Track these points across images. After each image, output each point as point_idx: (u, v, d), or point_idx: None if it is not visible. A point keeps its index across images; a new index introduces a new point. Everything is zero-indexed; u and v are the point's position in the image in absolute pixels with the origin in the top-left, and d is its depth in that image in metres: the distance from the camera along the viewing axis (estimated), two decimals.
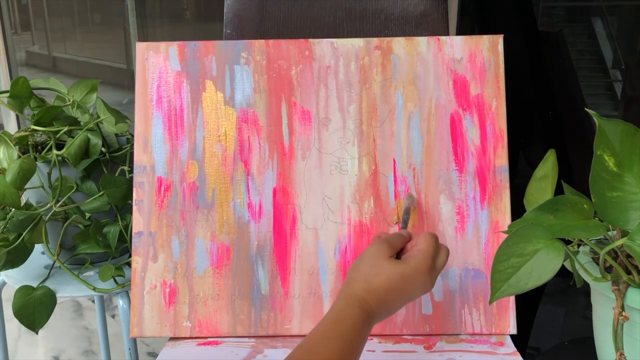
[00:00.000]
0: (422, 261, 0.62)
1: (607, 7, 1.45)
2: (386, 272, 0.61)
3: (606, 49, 1.43)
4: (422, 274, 0.62)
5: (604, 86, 1.47)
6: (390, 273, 0.61)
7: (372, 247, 0.64)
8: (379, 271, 0.61)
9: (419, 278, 0.62)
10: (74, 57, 5.61)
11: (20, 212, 0.88)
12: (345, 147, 0.82)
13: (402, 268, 0.62)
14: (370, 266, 0.62)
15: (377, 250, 0.63)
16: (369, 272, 0.61)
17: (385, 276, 0.61)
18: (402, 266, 0.62)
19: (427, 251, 0.63)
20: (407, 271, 0.61)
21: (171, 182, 0.82)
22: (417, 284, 0.62)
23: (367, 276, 0.61)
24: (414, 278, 0.62)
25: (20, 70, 2.33)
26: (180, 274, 0.81)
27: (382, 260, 0.62)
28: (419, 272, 0.62)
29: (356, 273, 0.62)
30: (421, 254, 0.63)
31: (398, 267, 0.61)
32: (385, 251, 0.63)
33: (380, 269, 0.61)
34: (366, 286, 0.61)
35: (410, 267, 0.62)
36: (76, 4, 5.63)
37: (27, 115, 0.92)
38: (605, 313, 0.67)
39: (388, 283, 0.61)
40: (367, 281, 0.61)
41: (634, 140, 0.63)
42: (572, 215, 0.65)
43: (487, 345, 0.78)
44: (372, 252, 0.63)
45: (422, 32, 0.97)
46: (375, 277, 0.61)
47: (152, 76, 0.83)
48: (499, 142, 0.81)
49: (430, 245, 0.64)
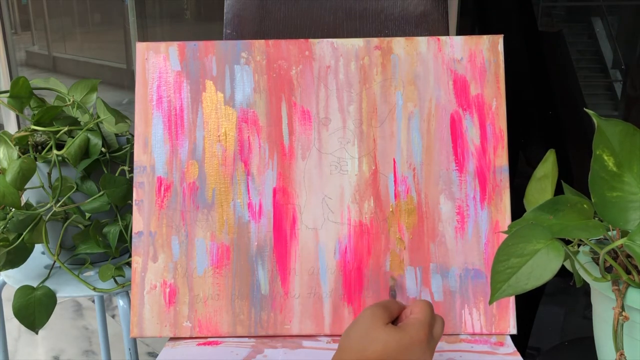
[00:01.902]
0: (419, 329, 0.57)
1: (607, 7, 1.45)
2: (382, 339, 0.56)
3: (606, 49, 1.43)
4: (420, 343, 0.57)
5: (604, 86, 1.47)
6: (387, 342, 0.56)
7: (367, 311, 0.59)
8: (374, 338, 0.56)
9: (416, 348, 0.57)
10: (74, 57, 5.61)
11: (20, 212, 0.88)
12: (345, 147, 0.82)
13: (399, 335, 0.56)
14: (366, 332, 0.57)
15: (374, 315, 0.58)
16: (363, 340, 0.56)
17: (381, 345, 0.56)
18: (400, 334, 0.57)
19: (424, 320, 0.59)
20: (405, 339, 0.56)
21: (171, 182, 0.82)
22: (414, 355, 0.57)
23: (361, 344, 0.56)
24: (411, 347, 0.56)
25: (20, 70, 2.32)
26: (180, 274, 0.81)
27: (378, 326, 0.57)
28: (418, 341, 0.57)
29: (349, 341, 0.57)
30: (419, 322, 0.58)
31: (395, 336, 0.56)
32: (381, 317, 0.58)
33: (375, 336, 0.56)
34: (359, 355, 0.55)
35: (409, 336, 0.57)
36: (76, 4, 5.63)
37: (27, 115, 0.92)
38: (605, 313, 0.67)
39: (384, 351, 0.55)
40: (361, 350, 0.56)
41: (633, 140, 0.63)
42: (572, 215, 0.65)
43: (487, 345, 0.78)
44: (368, 318, 0.58)
45: (422, 32, 0.97)
46: (370, 345, 0.56)
47: (152, 76, 0.83)
48: (499, 142, 0.81)
49: (427, 314, 0.60)
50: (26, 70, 5.56)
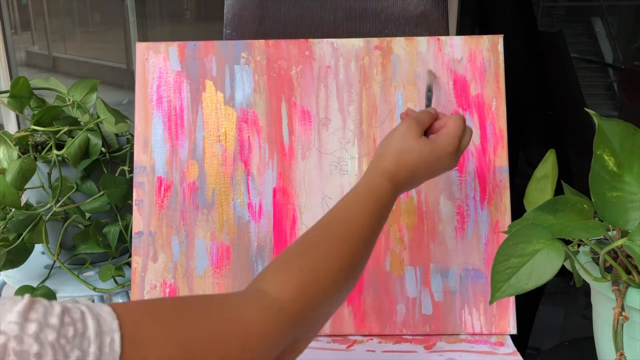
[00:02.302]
0: (450, 142, 0.65)
1: (607, 7, 1.45)
2: (416, 150, 0.64)
3: (606, 49, 1.43)
4: (449, 155, 0.65)
5: (604, 86, 1.47)
6: (421, 151, 0.64)
7: (402, 125, 0.66)
8: (409, 148, 0.64)
9: (445, 157, 0.65)
10: (74, 57, 5.61)
11: (20, 212, 0.88)
12: (345, 147, 0.82)
13: (431, 147, 0.64)
14: (401, 143, 0.64)
15: (408, 127, 0.65)
16: (399, 148, 0.64)
17: (415, 154, 0.64)
18: (432, 145, 0.64)
19: (456, 134, 0.65)
20: (435, 150, 0.64)
21: (171, 182, 0.82)
22: (443, 162, 0.65)
23: (397, 152, 0.64)
24: (441, 157, 0.65)
25: (20, 70, 2.32)
26: (180, 274, 0.81)
27: (412, 138, 0.64)
28: (447, 152, 0.65)
29: (387, 149, 0.65)
30: (450, 136, 0.65)
31: (427, 146, 0.64)
32: (415, 129, 0.65)
33: (410, 146, 0.64)
34: (396, 161, 0.63)
35: (440, 147, 0.65)
36: (76, 4, 5.63)
37: (27, 115, 0.92)
38: (605, 313, 0.67)
39: (417, 160, 0.64)
40: (398, 156, 0.64)
41: (633, 140, 0.63)
42: (572, 215, 0.65)
43: (487, 345, 0.78)
44: (403, 130, 0.65)
45: (422, 32, 0.97)
46: (405, 154, 0.64)
47: (152, 76, 0.83)
48: (499, 142, 0.81)
49: (459, 128, 0.66)
50: (26, 70, 5.55)
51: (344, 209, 0.60)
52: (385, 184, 0.62)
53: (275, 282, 0.51)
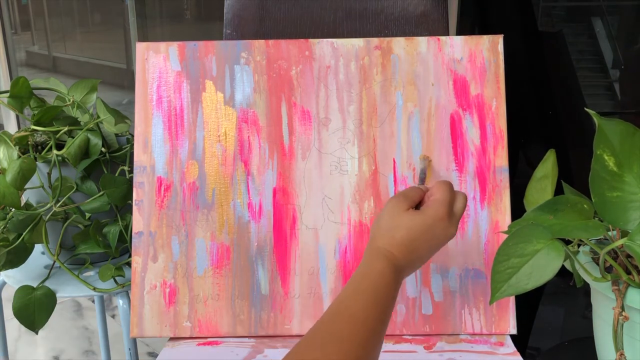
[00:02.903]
0: (438, 208, 0.63)
1: (607, 7, 1.44)
2: (406, 223, 0.62)
3: (606, 49, 1.43)
4: (441, 221, 0.63)
5: (604, 86, 1.47)
6: (410, 224, 0.62)
7: (390, 203, 0.65)
8: (399, 224, 0.62)
9: (439, 225, 0.63)
10: (74, 57, 5.61)
11: (20, 212, 0.88)
12: (345, 147, 0.82)
13: (420, 218, 0.63)
14: (390, 220, 0.63)
15: (395, 204, 0.64)
16: (389, 226, 0.63)
17: (405, 228, 0.62)
18: (421, 216, 0.63)
19: (443, 198, 0.64)
20: (426, 220, 0.63)
21: (171, 182, 0.82)
22: (439, 231, 0.63)
23: (388, 230, 0.63)
24: (434, 225, 0.63)
25: (20, 70, 2.32)
26: (180, 274, 0.81)
27: (400, 212, 0.63)
28: (438, 219, 0.63)
29: (377, 229, 0.64)
30: (437, 202, 0.64)
31: (417, 217, 0.63)
32: (402, 204, 0.64)
33: (400, 221, 0.63)
34: (389, 240, 0.62)
35: (428, 216, 0.63)
36: (76, 4, 5.63)
37: (27, 115, 0.92)
38: (605, 313, 0.67)
39: (410, 234, 0.62)
40: (389, 235, 0.62)
41: (633, 140, 0.63)
42: (572, 215, 0.65)
43: (487, 345, 0.78)
44: (390, 207, 0.64)
45: (422, 32, 0.97)
46: (396, 230, 0.62)
47: (152, 76, 0.83)
48: (499, 142, 0.81)
49: (445, 191, 0.65)
50: (26, 70, 5.55)
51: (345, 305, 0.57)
52: (381, 265, 0.60)
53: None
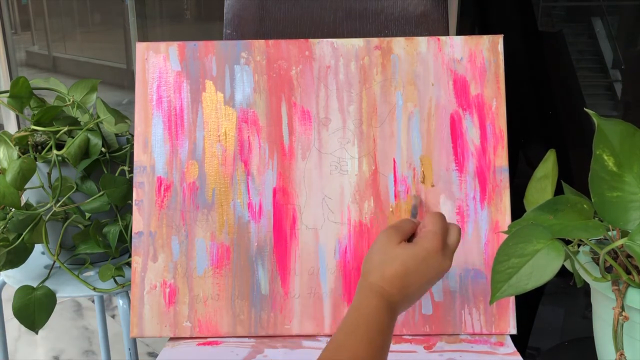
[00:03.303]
0: (432, 240, 0.61)
1: (607, 7, 1.44)
2: (398, 257, 0.61)
3: (606, 49, 1.43)
4: (435, 253, 0.61)
5: (604, 86, 1.47)
6: (403, 257, 0.60)
7: (382, 236, 0.63)
8: (391, 257, 0.61)
9: (432, 258, 0.61)
10: (74, 57, 5.61)
11: (20, 212, 0.88)
12: (345, 147, 0.82)
13: (413, 250, 0.61)
14: (382, 254, 0.61)
15: (387, 237, 0.63)
16: (381, 260, 0.61)
17: (398, 262, 0.60)
18: (413, 249, 0.61)
19: (435, 230, 0.62)
20: (419, 252, 0.61)
21: (171, 182, 0.82)
22: (432, 264, 0.61)
23: (380, 265, 0.61)
24: (427, 258, 0.61)
25: (20, 70, 2.32)
26: (180, 274, 0.81)
27: (392, 246, 0.62)
28: (431, 251, 0.61)
29: (369, 264, 0.62)
30: (430, 233, 0.62)
31: (410, 251, 0.61)
32: (394, 237, 0.62)
33: (392, 255, 0.61)
34: (381, 274, 0.60)
35: (422, 248, 0.61)
36: (76, 4, 5.63)
37: (27, 115, 0.92)
38: (605, 313, 0.67)
39: (403, 268, 0.60)
40: (381, 269, 0.60)
41: (633, 140, 0.63)
42: (572, 215, 0.65)
43: (487, 345, 0.78)
44: (382, 240, 0.63)
45: (422, 32, 0.97)
46: (389, 264, 0.60)
47: (152, 76, 0.83)
48: (499, 142, 0.81)
49: (437, 223, 0.63)
50: (26, 70, 5.55)
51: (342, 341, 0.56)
52: (374, 302, 0.58)
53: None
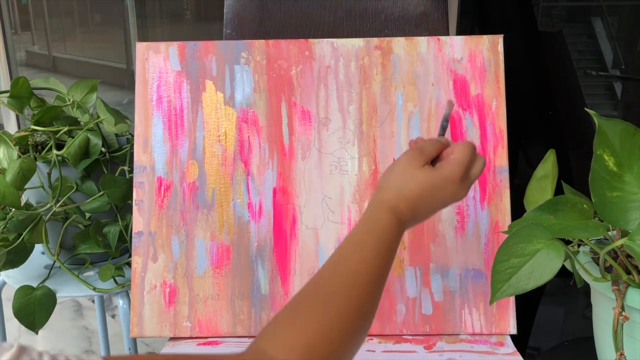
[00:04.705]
0: (455, 170, 0.61)
1: (607, 7, 1.45)
2: (418, 180, 0.60)
3: (606, 49, 1.43)
4: (453, 183, 0.61)
5: (604, 86, 1.47)
6: (422, 181, 0.60)
7: (405, 155, 0.63)
8: (410, 179, 0.60)
9: (450, 186, 0.61)
10: (74, 57, 5.61)
11: (20, 212, 0.88)
12: (345, 147, 0.82)
13: (434, 176, 0.61)
14: (402, 174, 0.61)
15: (411, 158, 0.62)
16: (400, 179, 0.61)
17: (416, 184, 0.60)
18: (434, 174, 0.61)
19: (462, 160, 0.61)
20: (439, 179, 0.60)
21: (171, 182, 0.82)
22: (449, 192, 0.61)
23: (398, 184, 0.61)
24: (445, 186, 0.61)
25: (20, 70, 2.32)
26: (180, 274, 0.81)
27: (414, 168, 0.61)
28: (451, 180, 0.61)
29: (387, 181, 0.62)
30: (455, 162, 0.61)
31: (430, 175, 0.61)
32: (418, 159, 0.62)
33: (412, 176, 0.61)
34: (397, 193, 0.60)
35: (443, 176, 0.61)
36: (76, 4, 5.63)
37: (27, 115, 0.92)
38: (605, 313, 0.67)
39: (419, 190, 0.60)
40: (399, 188, 0.60)
41: (633, 140, 0.63)
42: (572, 215, 0.65)
43: (487, 345, 0.78)
44: (405, 160, 0.62)
45: (422, 32, 0.97)
46: (407, 185, 0.60)
47: (152, 76, 0.83)
48: (499, 142, 0.81)
49: (466, 154, 0.62)
50: (26, 70, 5.55)
51: (346, 255, 0.56)
52: (385, 218, 0.59)
53: (277, 343, 0.48)
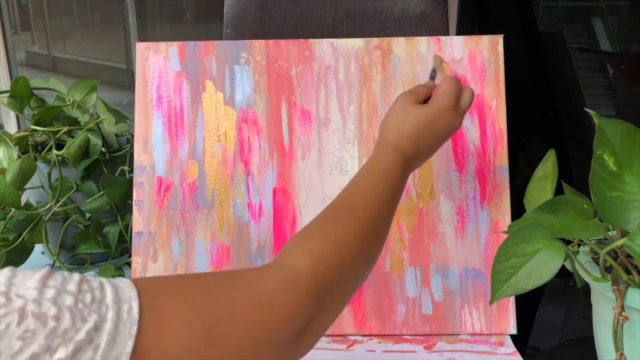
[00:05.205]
0: (445, 100, 0.66)
1: (607, 7, 1.45)
2: (414, 116, 0.65)
3: (606, 49, 1.43)
4: (447, 112, 0.65)
5: (604, 86, 1.47)
6: (418, 116, 0.65)
7: (398, 99, 0.67)
8: (407, 117, 0.65)
9: (445, 116, 0.65)
10: (74, 57, 5.61)
11: (20, 212, 0.88)
12: (345, 147, 0.82)
13: (427, 110, 0.65)
14: (399, 114, 0.66)
15: (404, 99, 0.67)
16: (398, 119, 0.65)
17: (413, 120, 0.64)
18: (427, 108, 0.65)
19: (449, 91, 0.66)
20: (433, 111, 0.65)
21: (171, 182, 0.82)
22: (444, 122, 0.65)
23: (397, 124, 0.65)
24: (440, 116, 0.65)
25: (20, 70, 2.32)
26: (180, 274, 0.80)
27: (408, 107, 0.66)
28: (444, 110, 0.65)
29: (386, 125, 0.66)
30: (443, 95, 0.66)
31: (423, 110, 0.65)
32: (410, 99, 0.66)
33: (407, 114, 0.65)
34: (398, 132, 0.64)
35: (435, 108, 0.65)
36: (76, 4, 5.63)
37: (27, 115, 0.92)
38: (605, 313, 0.67)
39: (417, 125, 0.64)
40: (398, 128, 0.64)
41: (633, 140, 0.63)
42: (572, 215, 0.65)
43: (487, 345, 0.78)
44: (399, 102, 0.67)
45: (422, 32, 0.97)
46: (405, 123, 0.64)
47: (152, 76, 0.83)
48: (499, 142, 0.81)
49: (451, 86, 0.67)
50: (26, 70, 5.55)
51: (357, 183, 0.60)
52: (391, 157, 0.63)
53: (292, 254, 0.52)
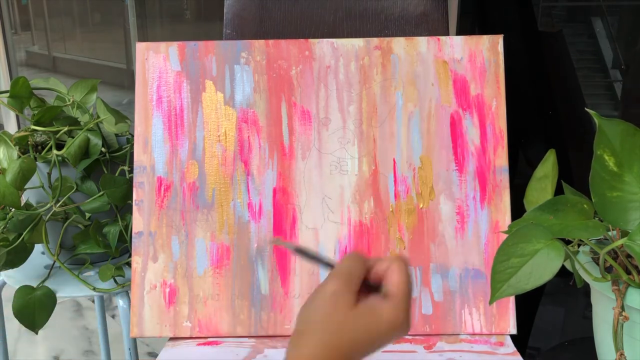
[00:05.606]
0: (397, 311, 0.47)
1: (607, 7, 1.45)
2: (350, 327, 0.46)
3: (606, 49, 1.43)
4: (399, 325, 0.47)
5: (604, 86, 1.47)
6: (356, 329, 0.46)
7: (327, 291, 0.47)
8: (340, 326, 0.46)
9: (396, 331, 0.47)
10: (74, 57, 5.60)
11: (20, 212, 0.88)
12: (345, 147, 0.82)
13: (371, 322, 0.46)
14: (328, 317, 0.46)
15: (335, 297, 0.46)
16: (326, 325, 0.46)
17: (350, 333, 0.46)
18: (371, 319, 0.46)
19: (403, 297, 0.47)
20: (380, 326, 0.46)
21: (171, 182, 0.82)
22: (394, 337, 0.48)
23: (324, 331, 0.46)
24: (388, 333, 0.47)
25: (20, 70, 2.32)
26: (180, 274, 0.81)
27: (342, 311, 0.46)
28: (397, 324, 0.47)
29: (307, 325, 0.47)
30: (393, 305, 0.47)
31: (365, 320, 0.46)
32: (345, 296, 0.46)
33: (341, 322, 0.46)
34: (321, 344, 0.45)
35: (383, 321, 0.46)
36: (76, 4, 5.63)
37: (27, 115, 0.92)
38: (605, 313, 0.67)
39: (353, 341, 0.46)
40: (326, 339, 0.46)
41: (634, 140, 0.63)
42: (572, 215, 0.65)
43: (487, 345, 0.78)
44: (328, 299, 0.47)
45: (422, 32, 0.97)
46: (336, 334, 0.45)
47: (152, 76, 0.83)
48: (499, 142, 0.81)
49: (404, 288, 0.48)
50: (26, 70, 5.55)
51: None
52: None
53: None
